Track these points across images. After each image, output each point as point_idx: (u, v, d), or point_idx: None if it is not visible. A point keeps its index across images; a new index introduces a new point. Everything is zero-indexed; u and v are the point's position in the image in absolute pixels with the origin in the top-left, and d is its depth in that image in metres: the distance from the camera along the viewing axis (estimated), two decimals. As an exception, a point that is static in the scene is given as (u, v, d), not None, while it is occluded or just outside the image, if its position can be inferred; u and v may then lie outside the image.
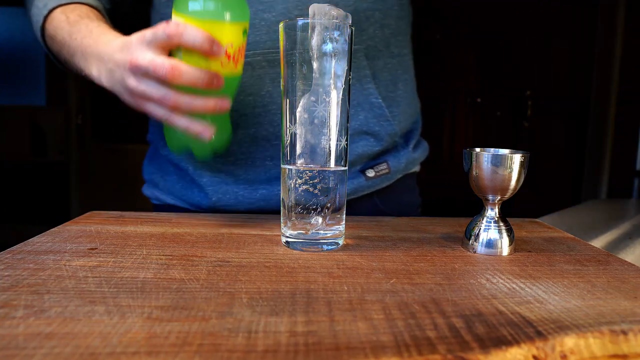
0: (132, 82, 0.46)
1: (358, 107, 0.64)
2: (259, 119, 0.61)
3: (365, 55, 0.63)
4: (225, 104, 0.47)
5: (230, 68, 0.47)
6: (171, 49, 0.46)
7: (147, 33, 0.45)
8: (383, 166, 0.66)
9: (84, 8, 0.58)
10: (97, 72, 0.51)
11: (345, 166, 0.45)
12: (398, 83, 0.69)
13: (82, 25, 0.54)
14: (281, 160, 0.46)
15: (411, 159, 0.69)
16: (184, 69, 0.44)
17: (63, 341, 0.26)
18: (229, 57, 0.46)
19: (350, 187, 0.64)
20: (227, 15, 0.45)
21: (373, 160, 0.66)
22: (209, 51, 0.44)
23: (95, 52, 0.51)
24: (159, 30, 0.44)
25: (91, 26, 0.54)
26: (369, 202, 0.67)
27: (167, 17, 0.49)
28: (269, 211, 0.62)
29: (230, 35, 0.46)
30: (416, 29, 0.77)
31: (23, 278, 0.35)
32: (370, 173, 0.65)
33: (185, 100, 0.45)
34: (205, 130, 0.47)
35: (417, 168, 0.75)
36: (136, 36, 0.46)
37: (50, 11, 0.58)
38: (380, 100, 0.65)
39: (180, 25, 0.44)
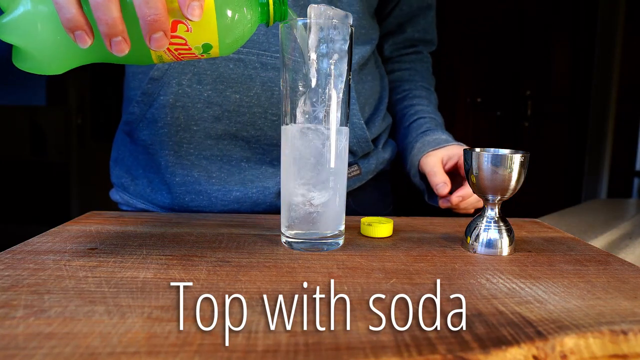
0: None
1: None
2: (242, 119, 0.60)
3: (353, 76, 0.63)
4: (124, 47, 0.35)
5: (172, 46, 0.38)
6: None
7: None
8: (354, 167, 0.67)
9: None
10: None
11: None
12: (377, 102, 0.71)
13: None
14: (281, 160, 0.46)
15: (381, 160, 0.71)
16: None
17: (63, 341, 0.26)
18: (172, 36, 0.38)
19: None
20: (215, 17, 0.38)
21: None
22: None
23: None
24: None
25: None
26: None
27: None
28: (243, 212, 0.62)
29: (196, 29, 0.38)
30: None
31: (23, 278, 0.35)
32: None
33: None
34: (83, 35, 0.34)
35: (387, 167, 0.76)
36: None
37: None
38: (362, 122, 0.65)
39: None
